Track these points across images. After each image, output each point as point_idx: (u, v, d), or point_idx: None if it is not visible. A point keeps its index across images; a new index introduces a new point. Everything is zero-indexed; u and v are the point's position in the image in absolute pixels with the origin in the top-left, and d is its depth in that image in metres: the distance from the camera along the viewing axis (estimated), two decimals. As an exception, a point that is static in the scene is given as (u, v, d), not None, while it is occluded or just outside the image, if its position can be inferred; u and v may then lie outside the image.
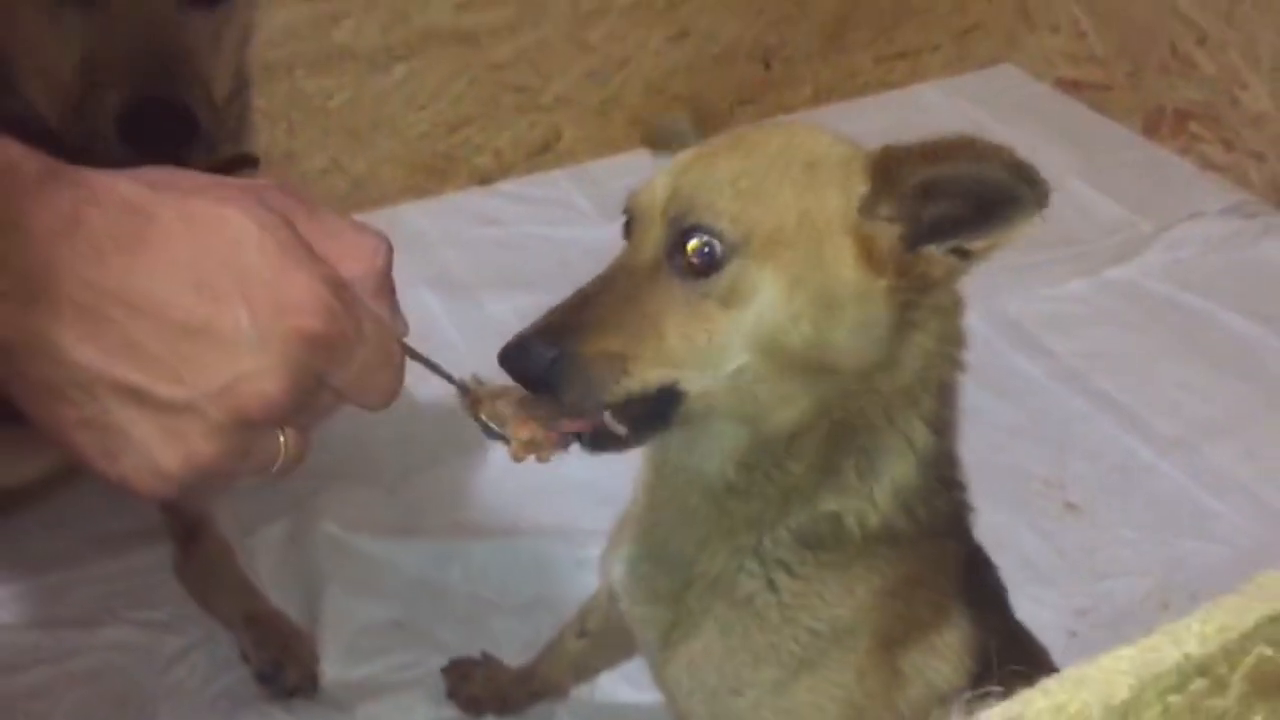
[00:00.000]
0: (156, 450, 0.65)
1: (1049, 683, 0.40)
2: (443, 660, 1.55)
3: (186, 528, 1.66)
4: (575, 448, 1.87)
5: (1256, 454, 1.93)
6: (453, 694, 1.51)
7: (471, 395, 0.88)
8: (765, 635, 1.00)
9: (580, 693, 1.54)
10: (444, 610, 1.65)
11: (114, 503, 1.74)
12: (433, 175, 2.41)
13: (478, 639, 1.60)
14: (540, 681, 1.50)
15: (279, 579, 1.66)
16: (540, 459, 0.89)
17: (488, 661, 1.54)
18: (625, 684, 1.53)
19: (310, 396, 0.69)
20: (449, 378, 0.87)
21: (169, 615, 1.61)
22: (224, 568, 1.64)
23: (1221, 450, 1.94)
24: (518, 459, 0.88)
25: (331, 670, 1.55)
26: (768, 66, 2.64)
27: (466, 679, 1.51)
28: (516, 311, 2.15)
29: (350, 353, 0.68)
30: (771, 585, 1.00)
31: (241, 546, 1.68)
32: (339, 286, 0.68)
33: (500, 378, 0.93)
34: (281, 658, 1.54)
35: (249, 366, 0.65)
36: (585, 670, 1.49)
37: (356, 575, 1.65)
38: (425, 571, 1.70)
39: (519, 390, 0.89)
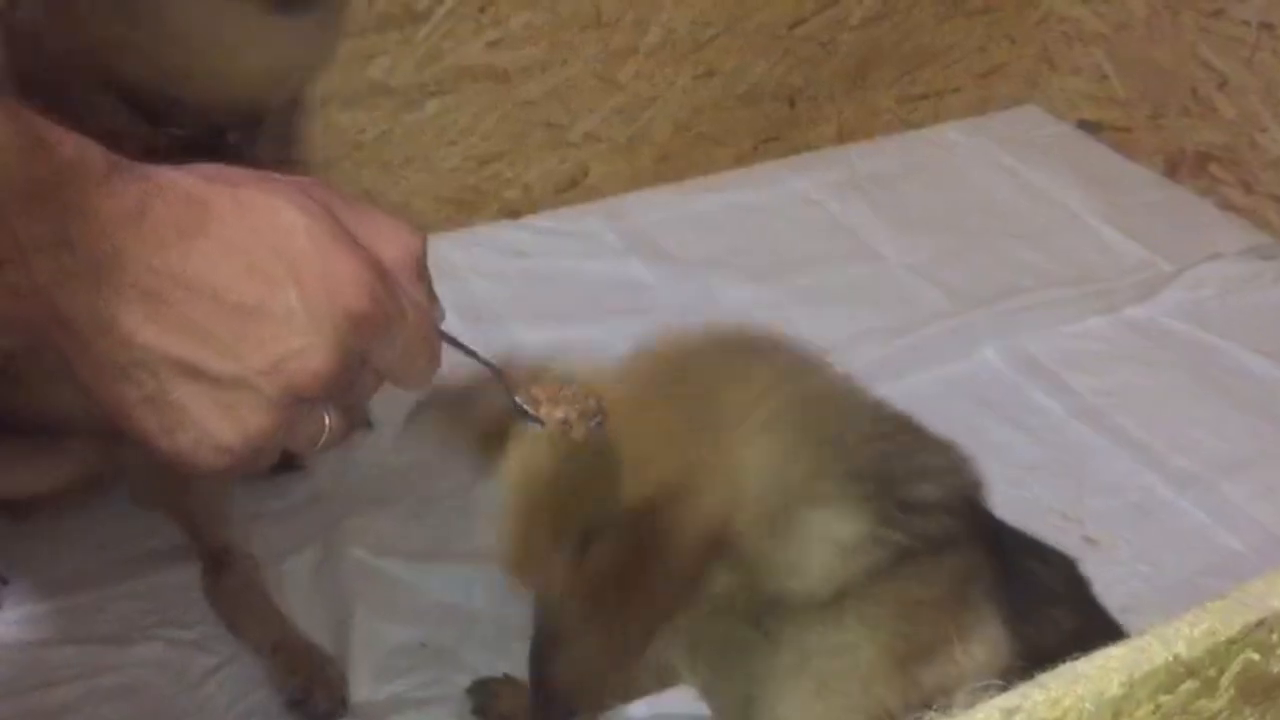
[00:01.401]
0: (213, 424, 0.70)
1: (1045, 678, 0.43)
2: (467, 681, 1.58)
3: (214, 554, 1.69)
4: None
5: (1274, 491, 1.95)
6: (480, 712, 1.54)
7: (506, 377, 0.91)
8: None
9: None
10: (469, 633, 1.68)
11: (145, 523, 1.78)
12: (463, 208, 2.47)
13: (502, 661, 1.63)
14: None
15: (308, 604, 1.69)
16: (574, 440, 0.93)
17: (512, 681, 1.57)
18: (643, 703, 1.55)
19: (355, 375, 0.73)
20: (484, 361, 0.91)
21: (199, 634, 1.64)
22: (251, 595, 1.66)
23: (1239, 487, 1.96)
24: (551, 440, 0.92)
25: (359, 692, 1.57)
26: (792, 105, 2.69)
27: (494, 697, 1.54)
28: (545, 342, 2.20)
29: (392, 333, 0.73)
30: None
31: (271, 574, 1.72)
32: (381, 271, 0.72)
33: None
34: (310, 684, 1.56)
35: (299, 344, 0.69)
36: None
37: (384, 598, 1.69)
38: (450, 595, 1.72)
39: (553, 372, 0.94)
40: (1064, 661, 0.59)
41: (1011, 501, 1.82)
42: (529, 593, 1.10)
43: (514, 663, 1.62)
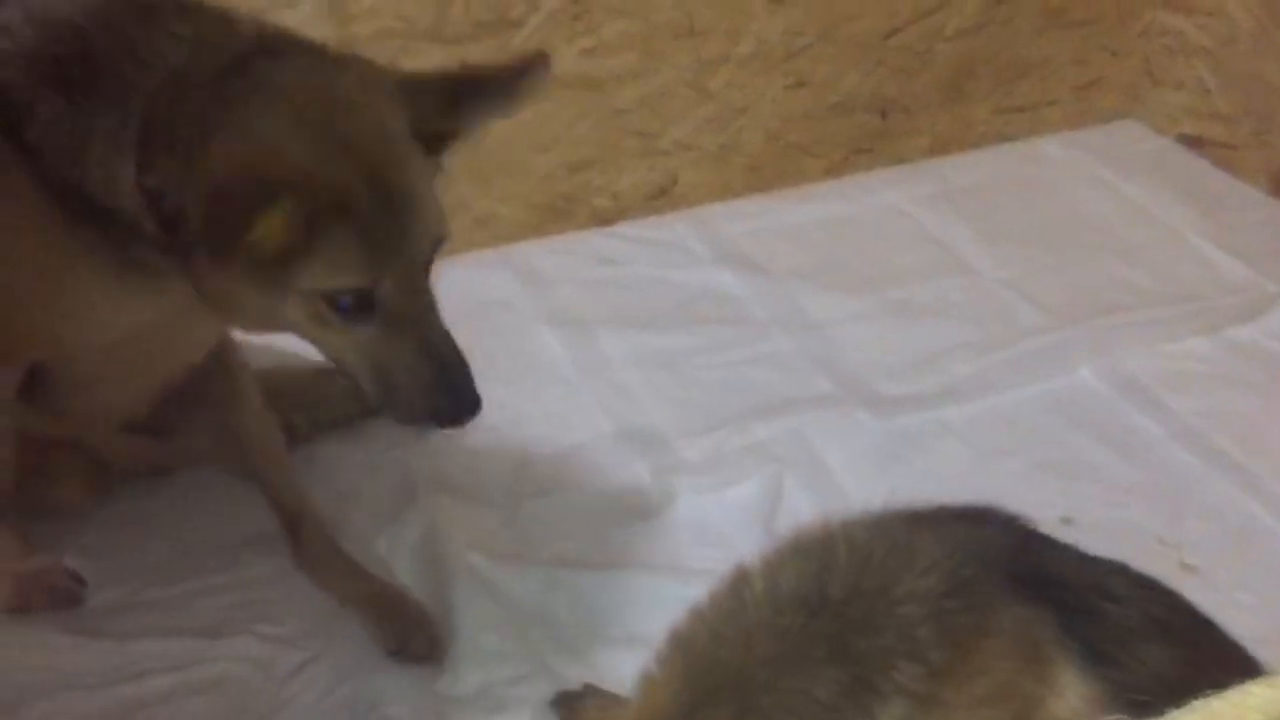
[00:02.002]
0: None
1: (1179, 714, 0.41)
2: (551, 684, 1.58)
3: (289, 519, 1.73)
4: (681, 498, 1.92)
5: (1383, 522, 1.87)
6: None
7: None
8: None
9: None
10: (551, 636, 1.68)
11: (234, 513, 1.82)
12: (554, 215, 2.48)
13: (581, 668, 1.63)
14: None
15: (414, 571, 1.74)
16: None
17: (594, 692, 1.57)
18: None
19: None
20: None
21: (289, 630, 1.66)
22: (331, 553, 1.71)
23: (1344, 516, 1.89)
24: None
25: (444, 683, 1.59)
26: (884, 116, 2.66)
27: (576, 712, 1.54)
28: (632, 350, 2.21)
29: None
30: None
31: (376, 542, 1.76)
32: None
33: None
34: (405, 630, 1.60)
35: None
36: None
37: (472, 591, 1.70)
38: (533, 597, 1.73)
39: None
40: (1163, 699, 0.57)
41: (1107, 525, 1.80)
42: None
43: (593, 671, 1.62)
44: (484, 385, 2.08)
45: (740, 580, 1.15)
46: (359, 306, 1.30)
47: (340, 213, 1.24)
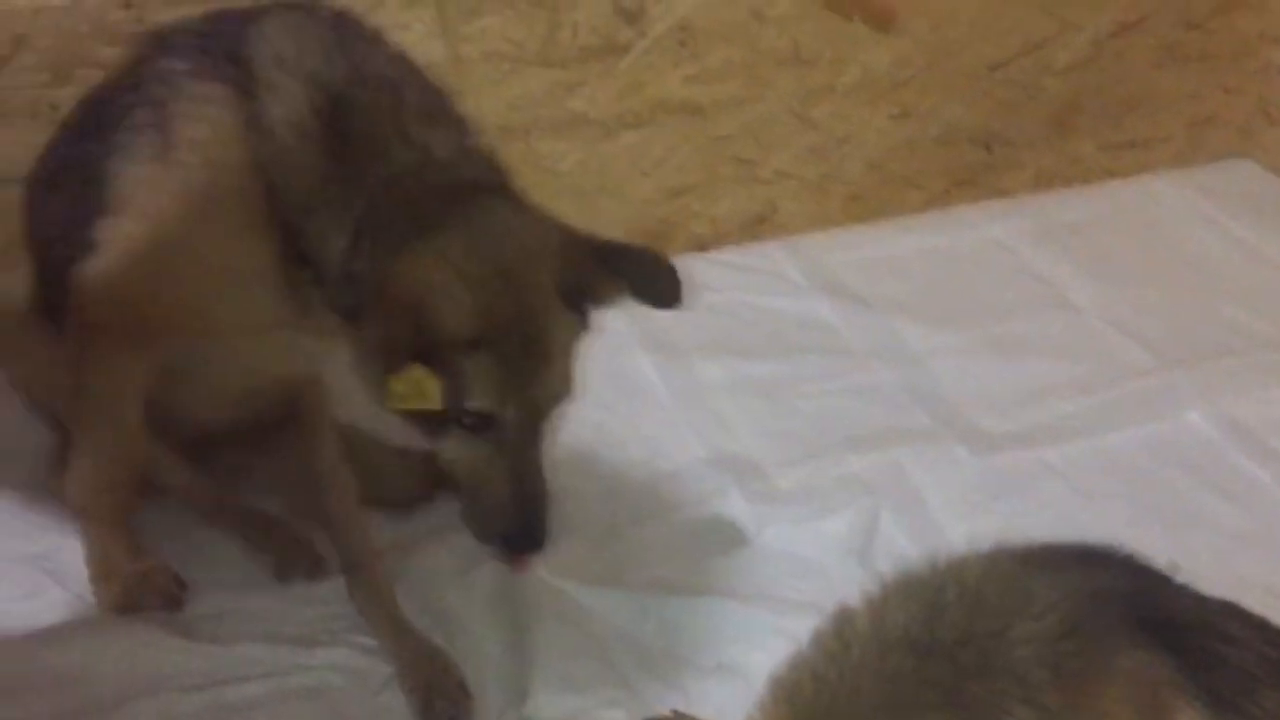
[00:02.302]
0: None
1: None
2: (639, 711, 1.56)
3: (347, 564, 1.75)
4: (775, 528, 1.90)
5: None
6: (652, 748, 1.53)
7: None
8: None
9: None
10: (641, 662, 1.68)
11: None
12: (652, 239, 2.48)
13: (672, 695, 1.61)
14: None
15: (490, 615, 1.72)
16: None
17: (681, 717, 1.56)
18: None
19: None
20: None
21: (382, 642, 1.68)
22: (378, 599, 1.71)
23: None
24: None
25: (535, 702, 1.59)
26: (989, 149, 2.63)
27: None
28: (727, 377, 2.20)
29: None
30: None
31: (455, 583, 1.75)
32: None
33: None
34: (430, 691, 1.61)
35: None
36: None
37: (563, 618, 1.70)
38: (625, 623, 1.73)
39: None
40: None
41: (1214, 574, 1.73)
42: None
43: (684, 698, 1.61)
44: (579, 408, 2.12)
45: (843, 620, 1.13)
46: (481, 424, 1.43)
47: (489, 349, 1.39)
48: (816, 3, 2.34)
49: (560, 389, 1.49)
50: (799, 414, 2.12)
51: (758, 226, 2.55)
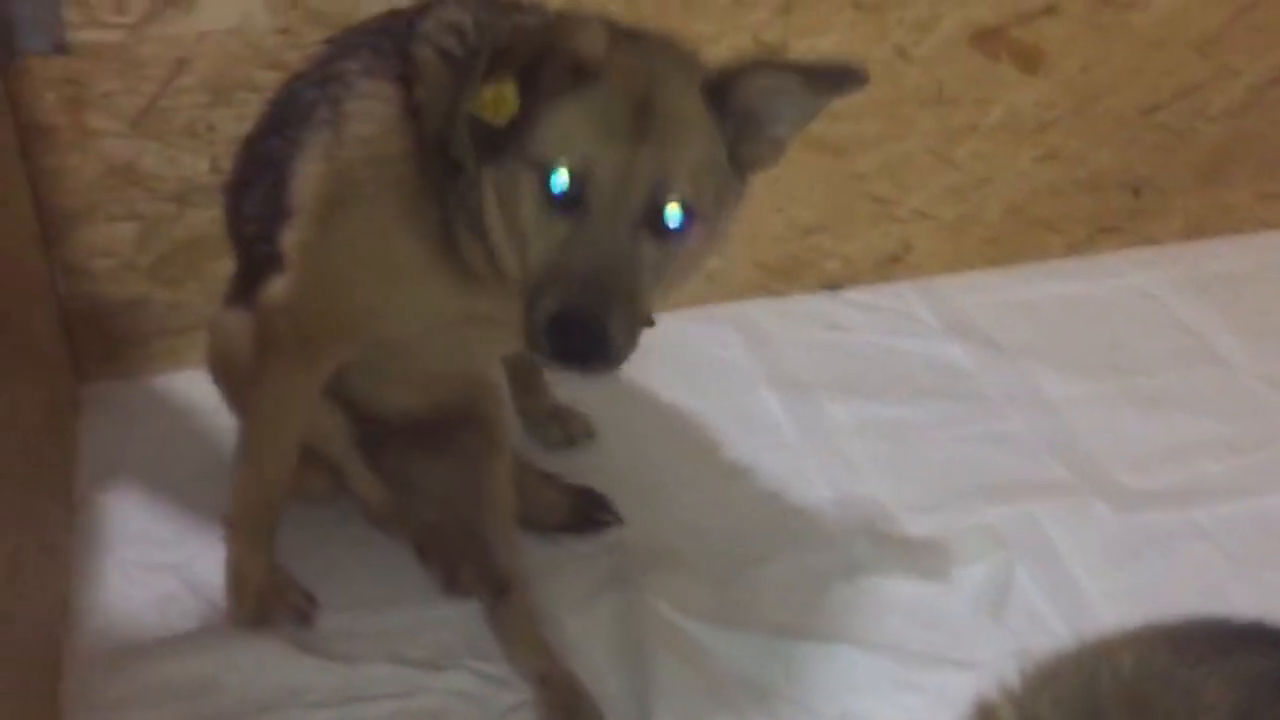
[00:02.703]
0: None
1: None
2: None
3: (497, 581, 1.75)
4: (903, 576, 1.84)
5: None
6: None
7: None
8: None
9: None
10: (763, 707, 1.65)
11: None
12: (782, 276, 2.46)
13: (797, 744, 1.58)
14: None
15: (608, 648, 1.71)
16: None
17: None
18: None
19: None
20: None
21: (505, 670, 1.68)
22: (525, 625, 1.71)
23: None
24: None
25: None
26: (1137, 195, 2.54)
27: None
28: (856, 418, 2.16)
29: None
30: None
31: (574, 614, 1.75)
32: None
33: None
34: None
35: None
36: None
37: (684, 657, 1.68)
38: (747, 666, 1.70)
39: None
40: None
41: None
42: None
43: (806, 747, 1.58)
44: (703, 445, 2.10)
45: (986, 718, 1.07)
46: (568, 199, 1.33)
47: (601, 92, 1.32)
48: (963, 42, 2.29)
49: (665, 174, 1.33)
50: (929, 459, 2.07)
51: (891, 266, 2.51)
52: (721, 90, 1.38)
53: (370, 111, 1.48)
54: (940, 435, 2.12)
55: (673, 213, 1.34)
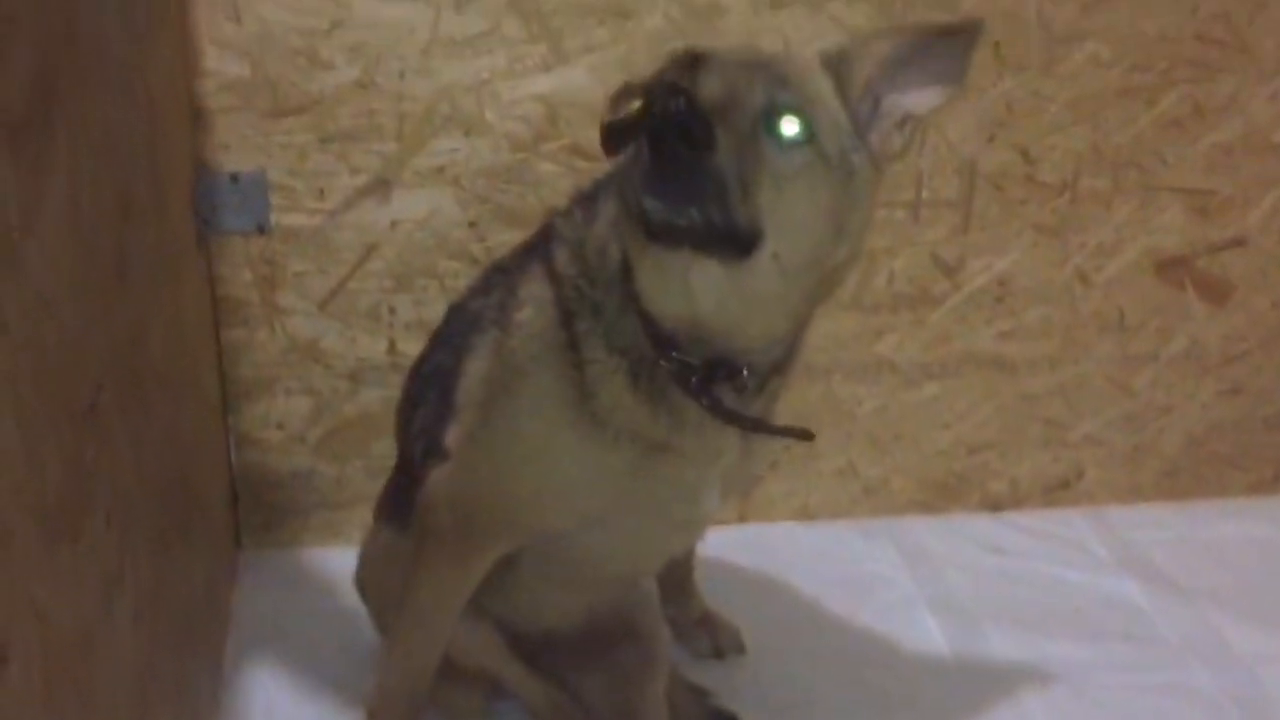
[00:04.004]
0: None
1: None
2: None
3: None
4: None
5: None
6: None
7: None
8: None
9: None
10: None
11: None
12: (943, 494, 2.38)
13: None
14: None
15: None
16: None
17: None
18: None
19: None
20: None
21: None
22: None
23: None
24: None
25: None
26: (1328, 436, 2.42)
27: None
28: (1021, 651, 2.03)
29: None
30: None
31: None
32: None
33: None
34: None
35: None
36: None
37: None
38: None
39: None
40: None
41: None
42: None
43: None
44: (857, 669, 2.00)
45: None
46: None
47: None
48: (1147, 270, 2.24)
49: (783, 87, 1.26)
50: (1105, 706, 1.92)
51: (1059, 492, 2.41)
52: (840, 64, 1.32)
53: (525, 298, 1.49)
54: (1115, 681, 1.97)
55: (790, 123, 1.25)
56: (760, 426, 1.45)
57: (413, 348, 1.82)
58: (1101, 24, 2.09)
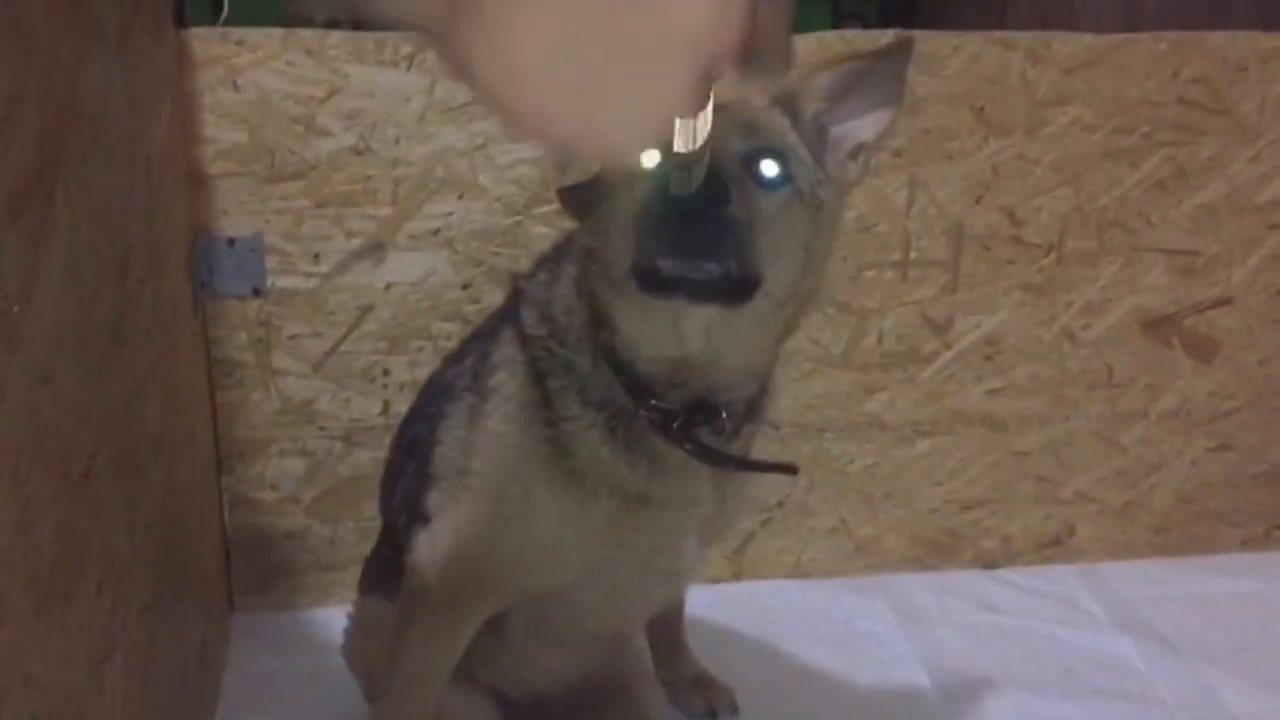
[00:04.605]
0: (633, 101, 0.74)
1: None
2: None
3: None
4: None
5: None
6: None
7: None
8: None
9: None
10: None
11: None
12: (936, 551, 2.39)
13: None
14: None
15: None
16: None
17: None
18: None
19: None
20: None
21: None
22: None
23: None
24: None
25: None
26: (1319, 495, 2.43)
27: None
28: (1015, 712, 2.02)
29: None
30: None
31: None
32: None
33: None
34: None
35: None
36: None
37: None
38: None
39: None
40: None
41: None
42: None
43: None
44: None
45: None
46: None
47: None
48: (1134, 329, 2.27)
49: (755, 135, 1.31)
50: (1102, 768, 1.92)
51: (1052, 549, 2.42)
52: (790, 101, 1.37)
53: (505, 360, 1.51)
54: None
55: (770, 165, 1.30)
56: (745, 464, 1.48)
57: (406, 409, 1.84)
58: (1084, 88, 2.13)
